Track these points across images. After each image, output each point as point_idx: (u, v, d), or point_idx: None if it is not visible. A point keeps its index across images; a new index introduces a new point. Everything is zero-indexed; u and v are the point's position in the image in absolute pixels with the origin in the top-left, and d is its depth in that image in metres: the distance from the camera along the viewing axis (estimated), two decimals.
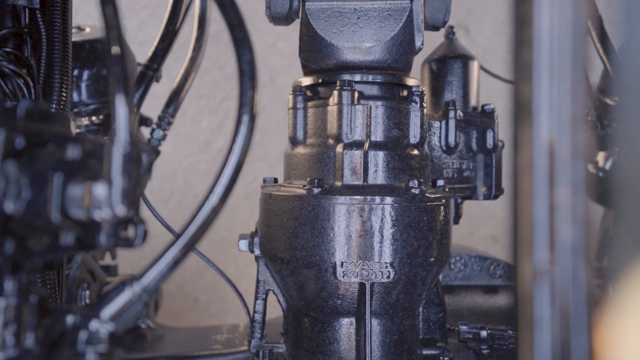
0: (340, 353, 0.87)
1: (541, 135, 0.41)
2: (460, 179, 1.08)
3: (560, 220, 0.37)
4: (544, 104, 0.42)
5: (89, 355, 0.41)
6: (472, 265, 1.29)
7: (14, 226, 0.38)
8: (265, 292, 0.98)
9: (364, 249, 0.80)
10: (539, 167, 0.36)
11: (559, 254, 0.36)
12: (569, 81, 0.42)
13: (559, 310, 0.42)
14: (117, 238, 0.43)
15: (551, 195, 0.36)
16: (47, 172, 0.38)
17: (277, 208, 0.88)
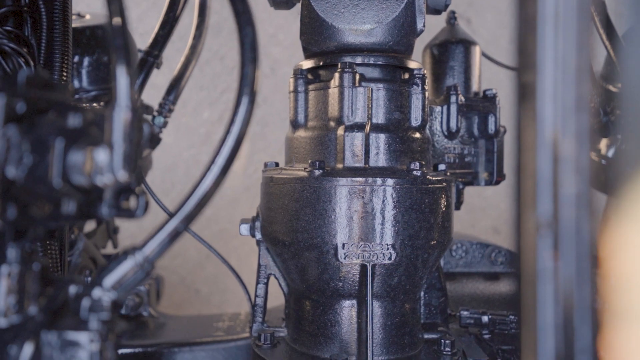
0: (342, 335, 0.87)
1: (545, 87, 0.41)
2: (462, 164, 1.08)
3: (564, 172, 0.36)
4: (548, 54, 0.42)
5: (92, 323, 0.41)
6: (473, 252, 1.29)
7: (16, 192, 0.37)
8: (266, 277, 0.98)
9: (365, 231, 0.80)
10: (543, 119, 0.36)
11: (562, 206, 0.35)
12: (574, 30, 0.41)
13: (562, 262, 0.42)
14: (118, 209, 0.43)
15: (555, 148, 0.36)
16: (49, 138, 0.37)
17: (278, 191, 0.87)
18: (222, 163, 0.49)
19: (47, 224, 0.40)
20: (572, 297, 0.37)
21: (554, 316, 0.45)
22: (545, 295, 0.37)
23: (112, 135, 0.39)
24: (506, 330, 1.05)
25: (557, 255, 0.45)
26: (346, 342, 0.86)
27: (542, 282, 0.37)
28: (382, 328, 0.87)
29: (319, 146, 0.88)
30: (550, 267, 0.37)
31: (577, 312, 0.43)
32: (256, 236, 0.96)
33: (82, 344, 0.40)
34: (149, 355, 1.26)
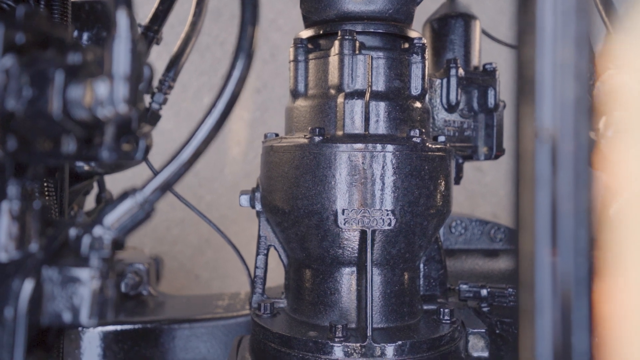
0: (342, 303, 0.87)
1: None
2: (462, 137, 1.08)
3: (563, 77, 0.37)
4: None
5: (93, 260, 0.41)
6: (472, 229, 1.30)
7: (16, 125, 0.37)
8: (266, 248, 0.98)
9: (365, 197, 0.80)
10: (543, 25, 0.36)
11: (561, 112, 0.36)
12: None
13: (560, 168, 0.42)
14: (118, 152, 0.43)
15: (555, 53, 0.36)
16: (48, 72, 0.37)
17: (278, 159, 0.88)
18: (218, 114, 0.49)
19: (47, 161, 0.40)
20: (572, 199, 0.37)
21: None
22: (542, 201, 0.38)
23: (112, 66, 0.39)
24: (505, 303, 1.05)
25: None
26: (346, 310, 0.87)
27: (540, 187, 0.37)
28: (381, 296, 0.87)
29: (319, 114, 0.88)
30: (548, 173, 0.37)
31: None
32: (256, 207, 0.96)
33: (83, 281, 0.40)
34: (148, 331, 1.26)
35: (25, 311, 0.38)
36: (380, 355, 0.79)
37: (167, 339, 1.26)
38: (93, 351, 1.23)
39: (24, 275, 0.39)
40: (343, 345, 0.79)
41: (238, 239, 2.75)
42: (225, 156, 2.53)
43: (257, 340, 0.89)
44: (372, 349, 0.79)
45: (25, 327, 0.38)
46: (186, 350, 1.26)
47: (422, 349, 0.81)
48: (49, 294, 0.40)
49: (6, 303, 0.38)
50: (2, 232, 0.39)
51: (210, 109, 0.50)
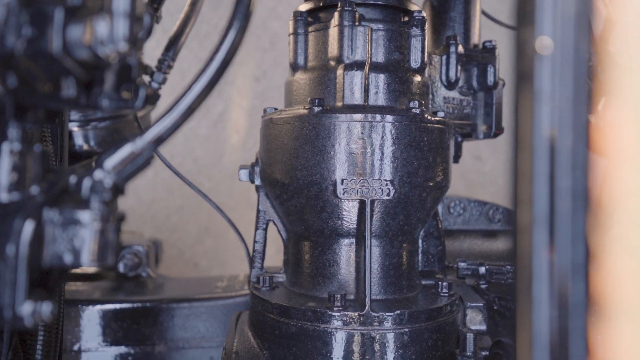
0: (340, 275, 0.87)
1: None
2: (461, 115, 1.09)
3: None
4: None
5: (93, 203, 0.41)
6: (471, 209, 1.30)
7: (16, 63, 0.37)
8: (265, 222, 0.98)
9: (364, 166, 0.81)
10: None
11: (562, 27, 0.36)
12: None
13: (560, 83, 0.43)
14: (118, 99, 0.43)
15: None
16: (48, 10, 0.37)
17: (277, 131, 0.88)
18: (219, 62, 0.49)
19: (47, 103, 0.40)
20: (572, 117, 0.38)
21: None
22: (541, 116, 0.38)
23: (112, 3, 0.39)
24: (503, 280, 1.06)
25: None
26: (344, 282, 0.87)
27: (539, 103, 0.37)
28: (379, 268, 0.87)
29: (318, 86, 0.88)
30: (549, 89, 0.38)
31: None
32: (255, 181, 0.97)
33: (84, 223, 0.40)
34: (147, 310, 1.27)
35: (27, 250, 0.38)
36: (379, 324, 0.80)
37: (166, 318, 1.27)
38: (92, 329, 1.23)
39: (25, 216, 0.39)
40: (342, 314, 0.79)
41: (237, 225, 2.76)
42: (225, 144, 2.53)
43: (256, 313, 0.90)
44: (371, 318, 0.80)
45: (26, 264, 0.38)
46: (185, 329, 1.27)
47: (421, 319, 0.82)
48: (49, 236, 0.40)
49: (7, 241, 0.38)
50: (2, 173, 0.40)
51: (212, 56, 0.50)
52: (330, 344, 0.80)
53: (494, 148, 2.63)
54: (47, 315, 0.39)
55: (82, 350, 1.23)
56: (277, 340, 0.84)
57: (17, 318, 0.38)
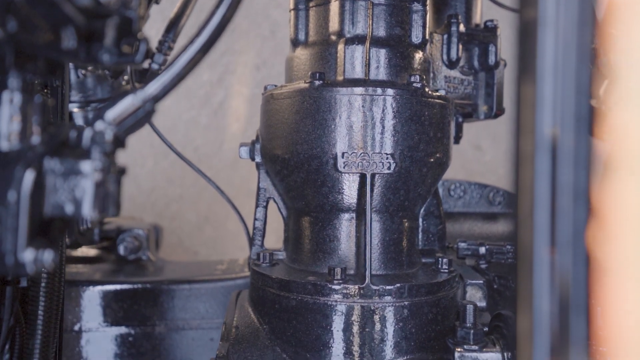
0: (340, 250, 0.87)
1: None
2: (462, 95, 1.08)
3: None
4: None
5: (94, 153, 0.41)
6: (471, 192, 1.30)
7: (16, 8, 0.37)
8: (265, 200, 0.98)
9: (365, 140, 0.81)
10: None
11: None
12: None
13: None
14: (118, 54, 0.43)
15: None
16: None
17: (278, 106, 0.88)
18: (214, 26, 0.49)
19: (48, 53, 0.40)
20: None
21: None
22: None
23: None
24: (503, 260, 1.06)
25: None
26: (345, 257, 0.87)
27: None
28: (380, 243, 0.87)
29: (319, 61, 0.88)
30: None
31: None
32: (255, 158, 0.97)
33: (85, 173, 0.40)
34: (147, 291, 1.27)
35: (28, 196, 0.38)
36: (379, 297, 0.80)
37: (167, 299, 1.27)
38: (93, 309, 1.23)
39: (26, 165, 0.39)
40: (342, 287, 0.80)
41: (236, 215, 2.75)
42: (225, 132, 2.53)
43: (256, 288, 0.90)
44: (371, 291, 0.80)
45: (27, 211, 0.38)
46: (185, 310, 1.27)
47: (421, 293, 0.82)
48: (50, 186, 0.40)
49: (8, 188, 0.38)
50: (2, 122, 0.40)
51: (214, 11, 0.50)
52: (330, 317, 0.80)
53: (494, 138, 2.63)
54: (49, 263, 0.39)
55: (83, 331, 1.23)
56: (277, 314, 0.84)
57: (18, 264, 0.38)
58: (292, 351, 0.82)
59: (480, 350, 0.73)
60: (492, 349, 0.74)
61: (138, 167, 2.49)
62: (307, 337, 0.81)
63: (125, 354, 1.25)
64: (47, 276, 0.62)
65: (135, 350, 1.25)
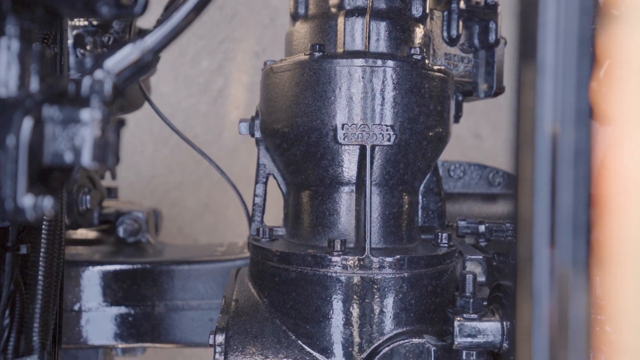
0: (340, 224, 0.87)
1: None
2: (462, 73, 1.08)
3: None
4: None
5: (93, 101, 0.41)
6: (471, 173, 1.30)
7: None
8: (265, 176, 0.98)
9: (365, 111, 0.81)
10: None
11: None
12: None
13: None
14: (117, 6, 0.43)
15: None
16: None
17: (278, 79, 0.87)
18: None
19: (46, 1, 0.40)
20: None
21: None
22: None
23: None
24: (502, 237, 1.06)
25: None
26: (344, 231, 0.87)
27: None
28: (380, 217, 0.87)
29: (319, 34, 0.87)
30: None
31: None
32: (255, 134, 0.97)
33: (84, 121, 0.40)
34: (147, 271, 1.27)
35: (27, 141, 0.38)
36: (379, 268, 0.80)
37: (166, 279, 1.27)
38: (92, 289, 1.23)
39: (24, 112, 0.39)
40: (342, 258, 0.80)
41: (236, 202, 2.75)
42: (224, 120, 2.52)
43: (256, 262, 0.90)
44: (371, 262, 0.80)
45: (27, 156, 0.38)
46: (185, 291, 1.27)
47: (420, 265, 0.82)
48: (49, 134, 0.40)
49: (7, 133, 0.38)
50: (0, 68, 0.39)
51: None
52: (330, 288, 0.80)
53: (494, 126, 2.63)
54: (49, 209, 0.39)
55: (83, 310, 1.23)
56: (276, 287, 0.84)
57: (18, 210, 0.38)
58: (291, 323, 0.82)
59: (480, 319, 0.73)
60: (492, 317, 0.74)
61: (137, 154, 2.49)
62: (306, 309, 0.81)
63: (125, 334, 1.25)
64: (47, 241, 0.62)
65: (135, 330, 1.25)
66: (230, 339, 0.81)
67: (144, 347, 1.48)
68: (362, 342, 0.79)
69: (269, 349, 0.81)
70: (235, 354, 0.80)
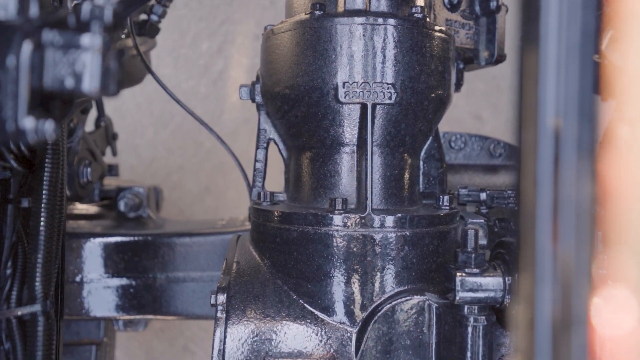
0: (341, 186, 0.87)
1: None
2: (463, 40, 1.08)
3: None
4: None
5: (94, 27, 0.41)
6: (472, 144, 1.30)
7: None
8: (266, 141, 0.98)
9: (366, 69, 0.80)
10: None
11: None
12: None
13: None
14: None
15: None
16: None
17: (278, 41, 0.87)
18: None
19: None
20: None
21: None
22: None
23: None
24: (504, 204, 1.06)
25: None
26: (345, 192, 0.87)
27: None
28: (381, 178, 0.87)
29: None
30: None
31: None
32: (256, 99, 0.96)
33: (85, 46, 0.40)
34: (148, 243, 1.27)
35: (27, 62, 0.37)
36: (380, 226, 0.80)
37: (167, 251, 1.27)
38: (94, 260, 1.24)
39: (24, 35, 0.38)
40: (343, 216, 0.80)
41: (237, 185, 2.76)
42: (224, 102, 2.52)
43: (257, 225, 0.90)
44: (372, 219, 0.80)
45: (27, 76, 0.37)
46: (186, 263, 1.27)
47: (422, 224, 0.82)
48: (50, 59, 0.40)
49: (8, 53, 0.38)
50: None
51: None
52: (331, 247, 0.80)
53: (495, 108, 2.62)
54: (50, 133, 0.39)
55: (84, 282, 1.23)
56: (278, 248, 0.84)
57: (19, 131, 0.38)
58: (293, 283, 0.82)
59: (481, 274, 0.73)
60: (494, 273, 0.74)
61: (138, 137, 2.48)
62: (308, 268, 0.81)
63: (127, 306, 1.25)
64: (48, 192, 0.62)
65: (136, 301, 1.26)
66: (231, 298, 0.81)
67: (146, 322, 1.48)
68: (364, 300, 0.79)
69: (271, 308, 0.81)
70: (236, 313, 0.80)
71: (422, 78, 0.83)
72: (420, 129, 0.88)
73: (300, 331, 0.79)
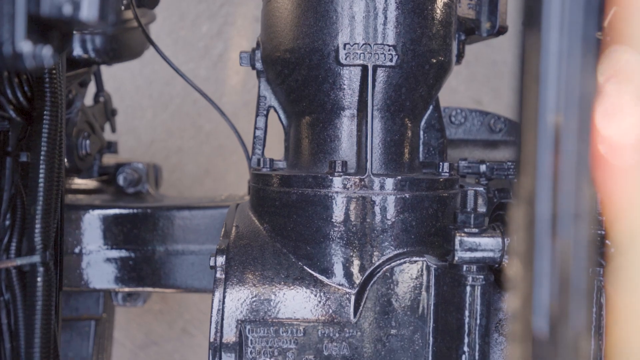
0: (341, 150, 0.87)
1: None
2: (465, 10, 1.07)
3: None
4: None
5: None
6: (472, 119, 1.29)
7: None
8: (266, 109, 0.98)
9: (367, 30, 0.80)
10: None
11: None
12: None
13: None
14: None
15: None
16: None
17: (279, 4, 0.87)
18: None
19: None
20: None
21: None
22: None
23: None
24: (503, 176, 1.06)
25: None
26: (345, 157, 0.87)
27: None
28: (381, 143, 0.87)
29: None
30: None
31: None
32: (256, 66, 0.96)
33: None
34: (148, 215, 1.27)
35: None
36: (380, 188, 0.80)
37: (166, 224, 1.27)
38: (93, 232, 1.23)
39: None
40: (343, 178, 0.79)
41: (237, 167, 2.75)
42: (224, 85, 2.51)
43: (256, 190, 0.90)
44: (372, 181, 0.80)
45: None
46: (185, 236, 1.27)
47: (422, 187, 0.82)
48: None
49: None
50: None
51: None
52: (331, 208, 0.80)
53: (496, 93, 2.62)
54: (48, 59, 0.38)
55: (83, 253, 1.23)
56: (277, 211, 0.84)
57: (16, 55, 0.37)
58: (292, 246, 0.82)
59: (481, 235, 0.73)
60: (493, 233, 0.74)
61: (137, 119, 2.48)
62: (307, 230, 0.81)
63: (126, 278, 1.25)
64: (47, 143, 0.62)
65: (135, 274, 1.26)
66: (231, 260, 0.81)
67: (145, 297, 1.48)
68: (363, 261, 0.79)
69: (270, 269, 0.81)
70: (235, 274, 0.80)
71: (424, 41, 0.82)
72: (420, 94, 0.88)
73: (299, 292, 0.79)
